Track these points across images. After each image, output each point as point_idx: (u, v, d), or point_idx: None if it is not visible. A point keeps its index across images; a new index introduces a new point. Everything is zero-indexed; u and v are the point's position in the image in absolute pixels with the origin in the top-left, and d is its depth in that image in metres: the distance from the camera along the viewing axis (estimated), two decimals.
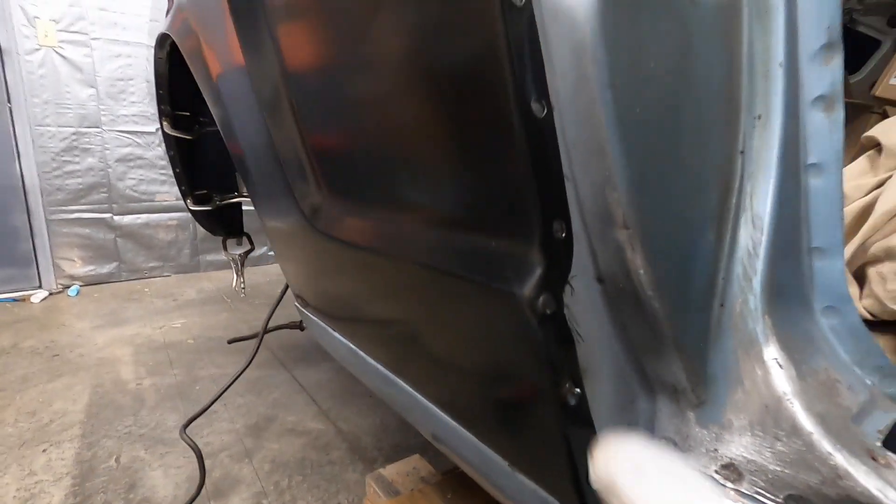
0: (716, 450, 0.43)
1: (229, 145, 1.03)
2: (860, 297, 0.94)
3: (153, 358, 2.70)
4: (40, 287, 3.75)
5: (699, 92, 0.42)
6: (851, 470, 0.36)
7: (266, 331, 1.68)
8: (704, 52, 0.42)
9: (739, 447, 0.42)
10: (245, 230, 2.33)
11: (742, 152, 0.45)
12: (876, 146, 1.11)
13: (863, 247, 0.99)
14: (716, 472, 0.43)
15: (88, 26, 3.71)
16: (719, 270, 0.44)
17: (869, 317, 0.89)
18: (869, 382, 0.43)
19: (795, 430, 0.38)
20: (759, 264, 0.43)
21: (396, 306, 0.69)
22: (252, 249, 2.27)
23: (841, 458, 0.36)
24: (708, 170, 0.43)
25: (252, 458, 1.93)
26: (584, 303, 0.42)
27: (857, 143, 1.12)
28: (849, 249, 1.02)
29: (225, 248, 2.28)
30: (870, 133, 1.12)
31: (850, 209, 1.01)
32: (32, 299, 3.54)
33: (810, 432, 0.37)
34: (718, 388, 0.44)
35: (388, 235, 0.60)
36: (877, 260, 0.96)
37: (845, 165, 0.78)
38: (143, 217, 4.05)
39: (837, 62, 0.43)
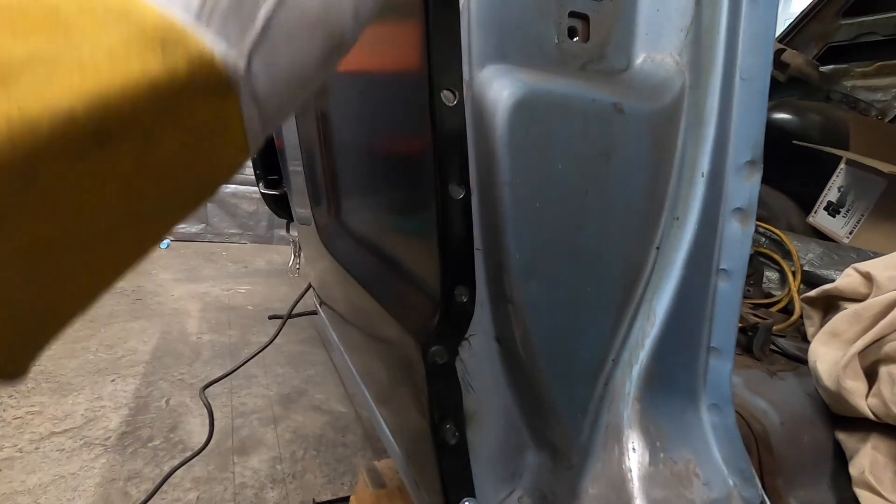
0: None
1: (275, 136, 1.18)
2: (866, 395, 0.90)
3: (216, 317, 3.00)
4: None
5: (616, 192, 0.46)
6: None
7: (291, 315, 1.87)
8: (627, 157, 0.46)
9: None
10: None
11: (658, 248, 0.48)
12: None
13: (879, 343, 0.94)
14: None
15: None
16: (610, 353, 0.48)
17: (872, 417, 0.85)
18: (731, 483, 0.46)
19: None
20: (643, 354, 0.46)
21: (355, 319, 0.80)
22: None
23: None
24: (616, 262, 0.47)
25: (277, 425, 2.12)
26: (480, 358, 0.48)
27: None
28: (862, 341, 0.98)
29: (288, 230, 2.50)
30: None
31: (878, 300, 0.96)
32: None
33: None
34: (587, 457, 0.48)
35: (355, 260, 0.70)
36: (890, 359, 0.91)
37: None
38: (232, 187, 4.44)
39: (757, 179, 0.46)
